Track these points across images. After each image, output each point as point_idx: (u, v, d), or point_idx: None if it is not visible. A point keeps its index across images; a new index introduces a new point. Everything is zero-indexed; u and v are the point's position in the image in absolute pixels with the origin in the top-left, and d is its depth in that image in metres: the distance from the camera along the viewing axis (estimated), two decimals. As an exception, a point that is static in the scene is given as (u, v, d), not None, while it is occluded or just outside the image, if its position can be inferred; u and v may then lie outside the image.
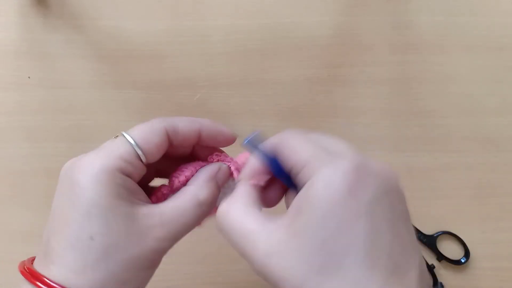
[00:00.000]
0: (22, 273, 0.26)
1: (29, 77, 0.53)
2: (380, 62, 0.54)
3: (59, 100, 0.53)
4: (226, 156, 0.32)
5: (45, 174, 0.51)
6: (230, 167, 0.31)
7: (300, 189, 0.24)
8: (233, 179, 0.31)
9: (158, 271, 0.49)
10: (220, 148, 0.33)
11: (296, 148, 0.26)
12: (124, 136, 0.27)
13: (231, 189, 0.30)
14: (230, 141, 0.31)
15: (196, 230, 0.35)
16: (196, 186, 0.29)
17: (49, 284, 0.24)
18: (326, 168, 0.23)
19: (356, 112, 0.53)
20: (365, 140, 0.53)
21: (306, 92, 0.54)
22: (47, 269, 0.25)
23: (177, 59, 0.54)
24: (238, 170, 0.31)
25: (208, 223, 0.33)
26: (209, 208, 0.29)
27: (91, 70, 0.53)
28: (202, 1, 0.55)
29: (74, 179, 0.25)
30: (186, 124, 0.29)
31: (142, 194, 0.28)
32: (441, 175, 0.52)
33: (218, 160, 0.31)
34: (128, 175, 0.27)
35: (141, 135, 0.27)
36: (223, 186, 0.31)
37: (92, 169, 0.25)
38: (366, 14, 0.56)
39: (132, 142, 0.27)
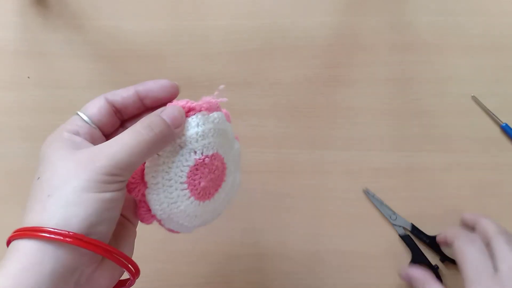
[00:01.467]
0: (18, 234, 0.28)
1: (28, 77, 0.53)
2: (380, 62, 0.54)
3: (58, 100, 0.53)
4: (182, 100, 0.33)
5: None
6: (184, 105, 0.32)
7: None
8: (194, 115, 0.32)
9: (158, 271, 0.49)
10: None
11: (471, 260, 0.41)
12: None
13: (195, 123, 0.31)
14: (168, 88, 0.34)
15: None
16: (138, 121, 0.31)
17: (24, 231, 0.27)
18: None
19: (356, 112, 0.53)
20: (365, 140, 0.53)
21: (306, 92, 0.54)
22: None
23: (177, 59, 0.54)
24: (198, 108, 0.32)
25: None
26: (152, 131, 0.29)
27: (91, 70, 0.53)
28: (202, 1, 0.55)
29: (40, 150, 0.31)
30: (123, 89, 0.33)
31: (90, 145, 0.31)
32: (441, 175, 0.52)
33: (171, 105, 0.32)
34: (75, 133, 0.31)
35: (86, 105, 0.33)
36: (174, 119, 0.31)
37: (48, 137, 0.31)
38: (366, 14, 0.56)
39: (78, 112, 0.32)
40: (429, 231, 0.50)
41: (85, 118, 0.32)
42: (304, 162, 0.52)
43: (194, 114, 0.32)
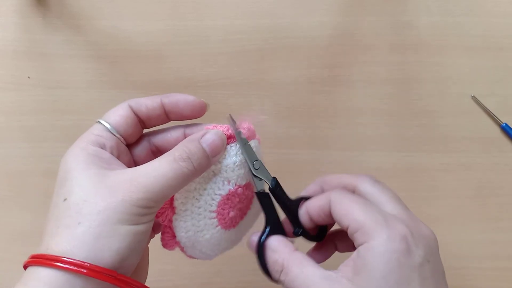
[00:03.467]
0: (31, 261, 0.26)
1: (28, 77, 0.53)
2: (380, 62, 0.54)
3: (58, 100, 0.53)
4: (222, 125, 0.31)
5: (44, 174, 0.51)
6: (225, 132, 0.30)
7: (358, 247, 0.28)
8: (234, 143, 0.31)
9: (157, 271, 0.49)
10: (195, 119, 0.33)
11: (352, 209, 0.29)
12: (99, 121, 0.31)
13: (234, 153, 0.30)
14: (197, 107, 0.32)
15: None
16: (176, 148, 0.29)
17: (41, 259, 0.25)
18: (383, 233, 0.27)
19: (356, 112, 0.53)
20: (365, 140, 0.53)
21: (306, 92, 0.54)
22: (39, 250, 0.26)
23: (177, 59, 0.54)
24: (234, 136, 0.31)
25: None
26: (191, 165, 0.28)
27: (90, 70, 0.53)
28: (201, 1, 0.55)
29: (60, 164, 0.29)
30: (147, 98, 0.32)
31: (117, 163, 0.29)
32: (441, 175, 0.52)
33: (213, 127, 0.31)
34: (101, 146, 0.29)
35: (108, 113, 0.31)
36: (216, 148, 0.30)
37: (70, 149, 0.29)
38: (365, 14, 0.56)
39: (100, 120, 0.30)
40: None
41: (109, 127, 0.30)
42: (304, 162, 0.52)
43: (234, 142, 0.30)
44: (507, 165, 0.53)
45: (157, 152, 0.33)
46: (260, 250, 0.30)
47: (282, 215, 0.33)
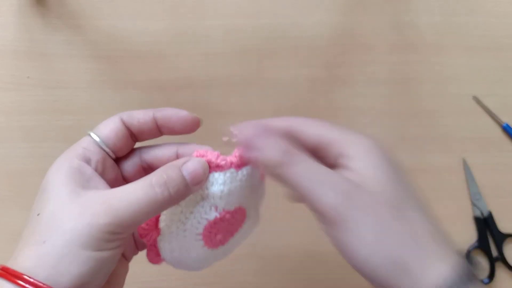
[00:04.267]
0: None
1: (28, 77, 0.53)
2: (380, 62, 0.54)
3: (58, 100, 0.53)
4: (212, 152, 0.29)
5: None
6: (213, 160, 0.29)
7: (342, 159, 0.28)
8: (223, 172, 0.29)
9: (157, 271, 0.49)
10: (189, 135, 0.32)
11: (319, 128, 0.29)
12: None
13: (222, 181, 0.29)
14: (189, 123, 0.31)
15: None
16: (154, 172, 0.28)
17: (8, 275, 0.25)
18: (367, 140, 0.28)
19: (356, 112, 0.53)
20: (365, 140, 0.52)
21: (306, 92, 0.54)
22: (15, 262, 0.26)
23: (177, 59, 0.54)
24: (225, 165, 0.29)
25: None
26: (167, 191, 0.27)
27: (90, 70, 0.53)
28: (201, 1, 0.55)
29: (46, 174, 0.29)
30: (140, 111, 0.31)
31: (98, 180, 0.28)
32: (441, 175, 0.52)
33: (198, 155, 0.29)
34: (86, 160, 0.28)
35: (99, 126, 0.30)
36: (196, 177, 0.28)
37: (57, 160, 0.29)
38: (366, 14, 0.55)
39: (90, 132, 0.29)
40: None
41: (98, 140, 0.29)
42: (304, 162, 0.52)
43: (222, 171, 0.29)
44: (508, 165, 0.53)
45: (148, 169, 0.32)
46: None
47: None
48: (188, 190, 0.28)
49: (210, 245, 0.31)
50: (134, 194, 0.26)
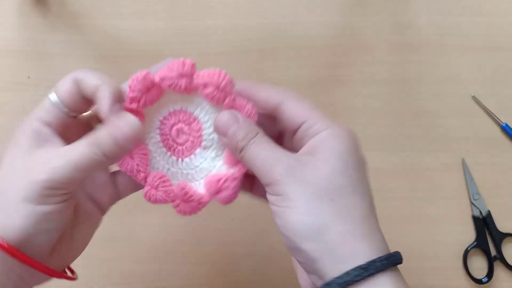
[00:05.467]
0: None
1: (28, 77, 0.53)
2: (380, 62, 0.54)
3: (58, 100, 0.53)
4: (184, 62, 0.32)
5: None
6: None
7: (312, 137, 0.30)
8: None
9: (157, 271, 0.49)
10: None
11: (309, 105, 0.31)
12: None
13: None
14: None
15: (196, 230, 0.35)
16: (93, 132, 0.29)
17: None
18: (340, 125, 0.30)
19: (356, 112, 0.53)
20: (365, 140, 0.52)
21: (306, 92, 0.54)
22: None
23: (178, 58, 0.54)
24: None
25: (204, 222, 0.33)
26: (99, 152, 0.28)
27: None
28: (201, 1, 0.55)
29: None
30: (93, 78, 0.30)
31: (54, 141, 0.30)
32: (441, 175, 0.52)
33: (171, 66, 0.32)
34: (47, 123, 0.30)
35: (57, 85, 0.30)
36: (126, 139, 0.29)
37: (23, 123, 0.30)
38: (366, 14, 0.56)
39: (49, 95, 0.30)
40: (429, 232, 0.50)
41: (56, 102, 0.30)
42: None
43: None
44: (507, 165, 0.53)
45: None
46: None
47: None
48: (120, 148, 0.29)
49: (172, 151, 0.34)
50: (72, 152, 0.28)
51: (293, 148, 0.31)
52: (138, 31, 0.54)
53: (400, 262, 0.28)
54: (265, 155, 0.29)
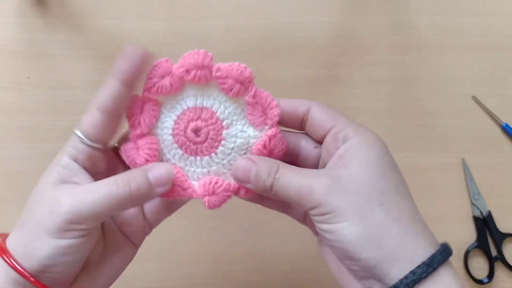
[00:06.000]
0: None
1: (28, 77, 0.53)
2: (380, 62, 0.54)
3: (58, 100, 0.53)
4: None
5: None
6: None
7: (342, 145, 0.30)
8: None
9: (157, 271, 0.49)
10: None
11: (335, 113, 0.31)
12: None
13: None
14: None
15: (196, 230, 0.35)
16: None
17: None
18: (369, 131, 0.31)
19: (356, 112, 0.53)
20: (365, 140, 0.53)
21: (306, 92, 0.54)
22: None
23: (177, 59, 0.54)
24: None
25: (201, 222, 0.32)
26: (127, 187, 0.28)
27: (91, 70, 0.53)
28: (201, 1, 0.55)
29: None
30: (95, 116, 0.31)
31: (82, 176, 0.30)
32: (441, 175, 0.52)
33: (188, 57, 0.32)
34: (74, 158, 0.30)
35: (81, 120, 0.31)
36: (160, 181, 0.30)
37: (54, 160, 0.31)
38: (366, 14, 0.56)
39: (75, 130, 0.31)
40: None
41: (81, 137, 0.30)
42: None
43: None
44: (507, 165, 0.53)
45: None
46: None
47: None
48: (151, 190, 0.29)
49: (185, 149, 0.32)
50: (99, 187, 0.28)
51: (314, 158, 0.32)
52: (138, 31, 0.54)
53: (452, 251, 0.28)
54: (297, 183, 0.29)
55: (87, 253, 0.30)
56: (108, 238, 0.32)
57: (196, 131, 0.32)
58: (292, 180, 0.29)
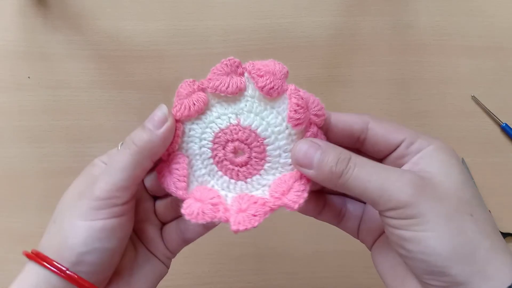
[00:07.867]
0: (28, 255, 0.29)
1: (29, 77, 0.53)
2: (380, 62, 0.54)
3: (58, 100, 0.53)
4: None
5: (44, 174, 0.51)
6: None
7: (415, 155, 0.28)
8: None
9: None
10: None
11: (399, 126, 0.29)
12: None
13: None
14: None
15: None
16: None
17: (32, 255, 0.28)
18: (438, 140, 0.28)
19: (356, 112, 0.53)
20: (365, 140, 0.53)
21: (306, 92, 0.54)
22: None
23: (177, 59, 0.54)
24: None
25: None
26: (133, 146, 0.28)
27: (91, 70, 0.53)
28: (201, 1, 0.55)
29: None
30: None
31: None
32: (441, 175, 0.52)
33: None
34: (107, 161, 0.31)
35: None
36: (154, 120, 0.29)
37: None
38: (366, 14, 0.56)
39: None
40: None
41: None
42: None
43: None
44: (507, 165, 0.53)
45: None
46: None
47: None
48: (152, 134, 0.29)
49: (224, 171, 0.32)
50: (114, 160, 0.29)
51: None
52: (139, 31, 0.54)
53: None
54: (379, 177, 0.26)
55: (118, 240, 0.29)
56: (139, 250, 0.33)
57: (236, 150, 0.31)
58: (372, 173, 0.26)
